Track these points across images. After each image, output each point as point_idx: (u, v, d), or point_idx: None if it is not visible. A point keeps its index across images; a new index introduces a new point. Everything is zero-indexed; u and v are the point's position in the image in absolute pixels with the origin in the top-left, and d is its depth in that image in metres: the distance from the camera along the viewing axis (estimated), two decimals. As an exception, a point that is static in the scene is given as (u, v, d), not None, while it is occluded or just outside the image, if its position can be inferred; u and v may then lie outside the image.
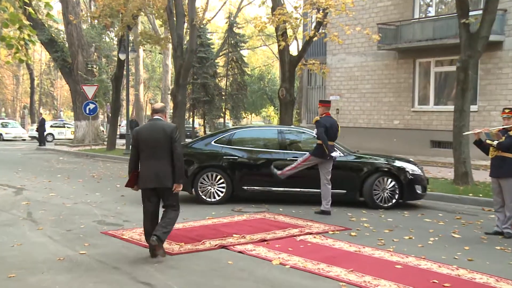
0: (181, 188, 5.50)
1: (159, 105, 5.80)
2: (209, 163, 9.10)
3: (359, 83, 20.28)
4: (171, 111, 21.91)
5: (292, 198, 9.01)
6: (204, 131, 32.24)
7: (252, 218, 7.79)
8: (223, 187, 9.08)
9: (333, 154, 8.27)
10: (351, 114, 20.50)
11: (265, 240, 6.24)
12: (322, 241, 6.28)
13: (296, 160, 8.68)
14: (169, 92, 27.97)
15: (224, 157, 9.14)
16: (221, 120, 36.56)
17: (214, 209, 8.55)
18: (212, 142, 9.36)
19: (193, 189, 9.08)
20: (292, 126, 11.99)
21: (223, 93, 35.22)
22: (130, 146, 5.54)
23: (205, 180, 9.05)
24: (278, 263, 5.29)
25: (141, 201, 5.73)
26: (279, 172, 8.63)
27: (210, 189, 9.08)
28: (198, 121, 39.21)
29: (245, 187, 9.02)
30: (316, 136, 8.39)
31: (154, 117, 5.68)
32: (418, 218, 8.09)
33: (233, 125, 38.17)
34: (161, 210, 5.66)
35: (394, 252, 5.77)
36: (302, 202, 9.04)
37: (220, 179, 9.08)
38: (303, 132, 9.69)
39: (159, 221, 5.56)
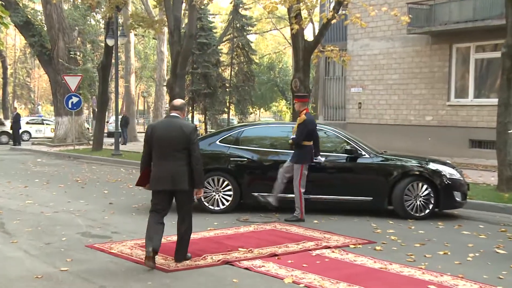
0: (201, 193, 5.95)
1: (178, 101, 6.11)
2: (213, 166, 9.12)
3: (385, 72, 20.22)
4: (167, 105, 21.97)
5: (313, 206, 9.02)
6: (205, 129, 32.28)
7: (260, 229, 7.79)
8: (229, 194, 9.11)
9: (319, 158, 8.75)
10: (376, 109, 20.46)
11: (276, 255, 6.23)
12: (342, 256, 6.27)
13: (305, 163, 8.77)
14: (165, 84, 28.04)
15: (231, 158, 9.17)
16: (225, 116, 36.63)
17: (216, 218, 8.56)
18: (217, 142, 9.39)
19: (195, 196, 9.08)
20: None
21: (227, 85, 35.28)
22: (143, 142, 6.02)
23: (209, 185, 9.06)
24: (291, 281, 5.28)
25: (132, 210, 5.74)
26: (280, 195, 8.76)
27: (215, 195, 9.11)
28: (198, 117, 39.29)
29: (256, 194, 9.02)
30: (293, 138, 8.56)
31: (172, 114, 5.98)
32: (455, 231, 8.04)
33: (238, 122, 38.16)
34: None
35: (427, 270, 5.73)
36: (319, 211, 9.02)
37: (226, 184, 9.11)
38: (321, 130, 9.65)
39: (177, 240, 5.95)
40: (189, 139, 5.73)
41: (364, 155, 9.01)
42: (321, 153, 8.98)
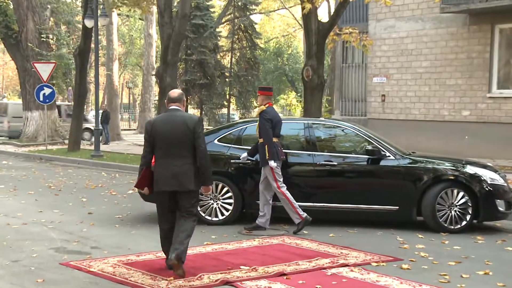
0: (209, 191, 6.47)
1: (175, 92, 6.52)
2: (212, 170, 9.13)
3: (413, 59, 20.19)
4: (156, 98, 22.00)
5: (328, 217, 9.03)
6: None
7: (266, 243, 7.80)
8: (230, 202, 9.15)
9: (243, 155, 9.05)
10: (402, 102, 20.44)
11: (284, 274, 6.24)
12: (363, 275, 6.27)
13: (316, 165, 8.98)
14: (154, 73, 28.08)
15: (232, 160, 9.23)
16: (224, 110, 36.72)
17: (215, 231, 8.58)
18: (215, 141, 9.43)
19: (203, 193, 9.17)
20: (321, 118, 12.00)
21: (227, 74, 35.37)
22: (143, 139, 6.43)
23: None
24: (303, 306, 5.28)
25: (115, 222, 5.75)
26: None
27: (213, 204, 9.16)
28: (193, 112, 39.30)
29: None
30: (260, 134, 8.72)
31: (171, 107, 6.38)
32: (498, 246, 8.02)
33: (240, 118, 38.20)
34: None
35: (464, 292, 5.73)
36: (334, 222, 9.05)
37: (226, 191, 9.16)
38: (338, 127, 9.78)
39: (174, 234, 6.14)
40: (194, 132, 6.13)
41: (389, 156, 9.01)
42: (337, 154, 9.14)
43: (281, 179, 8.64)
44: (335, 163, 9.02)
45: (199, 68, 32.88)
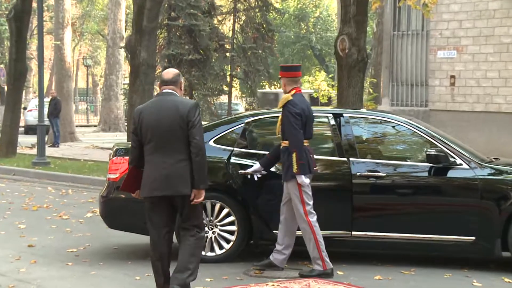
0: (202, 198, 6.76)
1: (170, 72, 7.07)
2: None
3: (497, 24, 20.14)
4: (126, 80, 21.95)
5: (372, 250, 9.02)
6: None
7: (284, 290, 7.80)
8: (231, 230, 9.16)
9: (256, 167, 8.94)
10: (480, 87, 20.36)
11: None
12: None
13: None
14: (122, 45, 28.10)
15: (235, 171, 9.25)
16: (224, 98, 36.69)
17: (211, 270, 8.58)
18: (210, 142, 9.41)
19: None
20: (363, 109, 11.94)
21: (228, 47, 35.32)
22: (130, 133, 7.07)
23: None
24: None
25: (67, 258, 5.78)
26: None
27: (207, 233, 9.14)
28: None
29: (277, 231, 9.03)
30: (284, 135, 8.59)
31: (164, 91, 6.94)
32: None
33: (247, 109, 38.23)
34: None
35: None
36: (383, 259, 9.05)
37: (226, 214, 9.16)
38: (387, 122, 9.70)
39: (179, 258, 6.67)
40: (187, 121, 6.64)
41: (460, 164, 8.98)
42: (385, 162, 9.10)
43: (311, 202, 8.45)
44: (383, 174, 8.97)
45: (187, 38, 32.84)
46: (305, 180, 8.33)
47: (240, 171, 9.23)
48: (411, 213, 9.02)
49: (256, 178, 8.93)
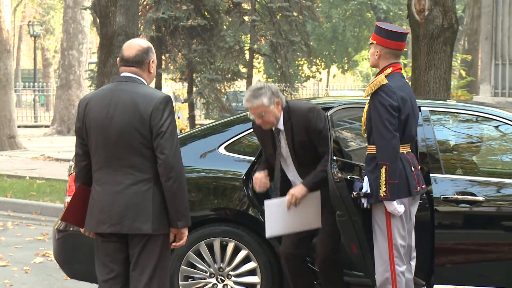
0: (184, 241, 6.73)
1: (133, 46, 6.72)
2: (210, 211, 9.38)
3: None
4: (94, 58, 22.06)
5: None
6: (192, 119, 32.49)
7: None
8: (251, 283, 9.21)
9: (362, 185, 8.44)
10: None
11: None
12: None
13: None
14: (89, 5, 28.24)
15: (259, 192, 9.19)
16: (241, 84, 36.86)
17: None
18: (219, 149, 9.54)
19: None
20: (450, 100, 11.93)
21: (247, 7, 35.45)
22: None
23: (202, 260, 9.22)
24: None
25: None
26: None
27: (217, 286, 9.22)
28: (172, 89, 39.52)
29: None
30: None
31: (123, 75, 6.70)
32: None
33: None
34: None
35: None
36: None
37: (244, 258, 9.19)
38: (487, 119, 9.59)
39: None
40: (150, 125, 6.37)
41: None
42: (485, 179, 9.06)
43: (405, 243, 8.31)
44: (481, 199, 8.86)
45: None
46: (398, 208, 8.15)
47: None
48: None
49: (365, 205, 8.39)
